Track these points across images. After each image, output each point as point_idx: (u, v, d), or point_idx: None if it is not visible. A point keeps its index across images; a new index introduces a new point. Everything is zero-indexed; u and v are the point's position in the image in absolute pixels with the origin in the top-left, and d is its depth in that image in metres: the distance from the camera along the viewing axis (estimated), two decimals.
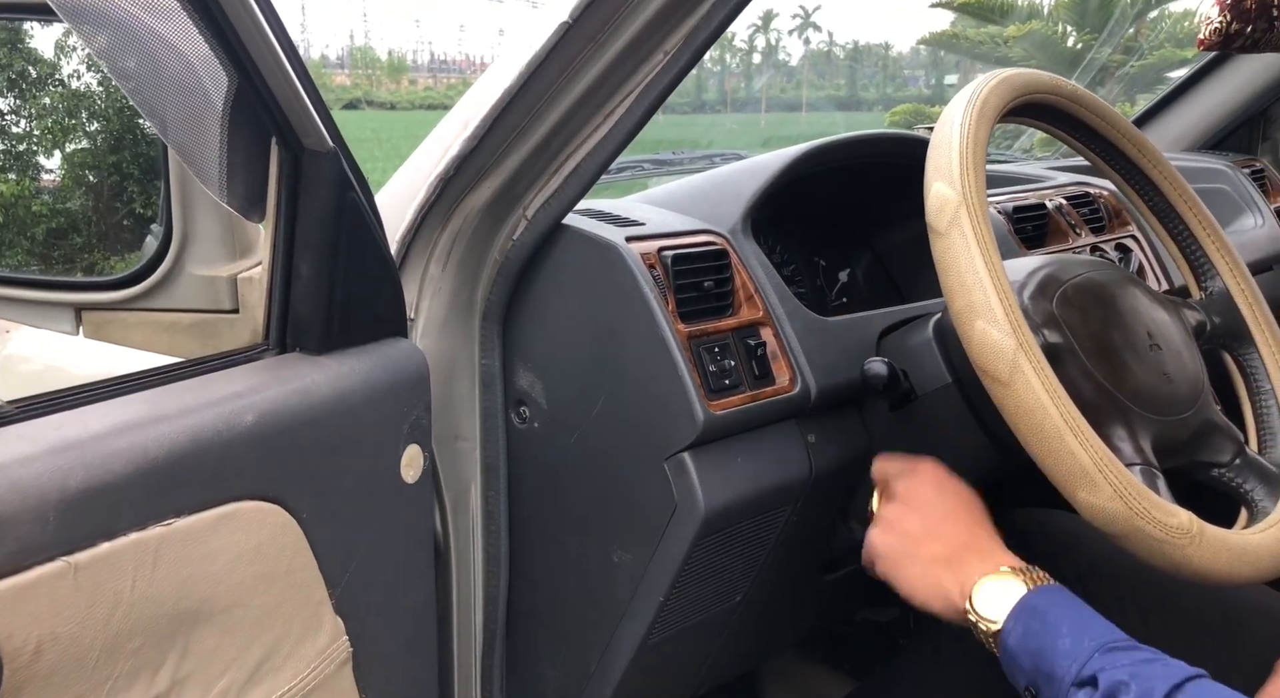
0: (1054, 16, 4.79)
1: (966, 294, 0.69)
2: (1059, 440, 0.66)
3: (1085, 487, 0.67)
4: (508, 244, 0.83)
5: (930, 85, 33.48)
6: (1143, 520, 0.67)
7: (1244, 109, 1.63)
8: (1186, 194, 0.93)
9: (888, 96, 34.81)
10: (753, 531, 0.84)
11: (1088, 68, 3.70)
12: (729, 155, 1.49)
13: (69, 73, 1.12)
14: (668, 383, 0.76)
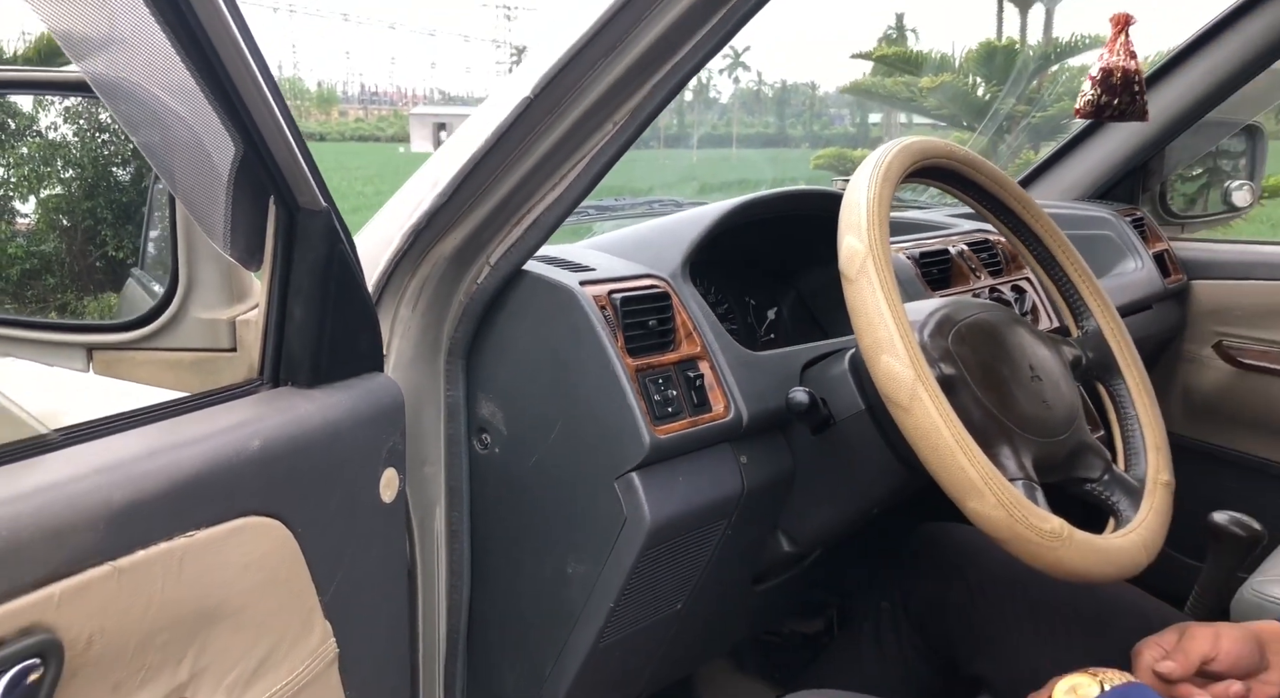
0: (964, 69, 5.12)
1: (873, 332, 0.81)
2: (951, 458, 0.78)
3: (973, 497, 0.78)
4: (472, 287, 0.92)
5: (855, 123, 34.35)
6: (1021, 526, 0.79)
7: (1126, 163, 1.81)
8: (1064, 245, 1.07)
9: (814, 133, 35.67)
10: (693, 542, 0.94)
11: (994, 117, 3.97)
12: (666, 202, 1.61)
13: (46, 125, 1.19)
14: (618, 410, 0.86)
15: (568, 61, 0.80)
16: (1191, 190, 2.10)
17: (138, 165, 1.23)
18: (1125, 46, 1.18)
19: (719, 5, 0.79)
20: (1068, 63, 5.03)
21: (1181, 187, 2.06)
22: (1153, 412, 1.03)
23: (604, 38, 0.79)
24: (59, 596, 0.51)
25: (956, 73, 5.06)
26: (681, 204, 1.66)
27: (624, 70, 0.81)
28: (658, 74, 0.82)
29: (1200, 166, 2.06)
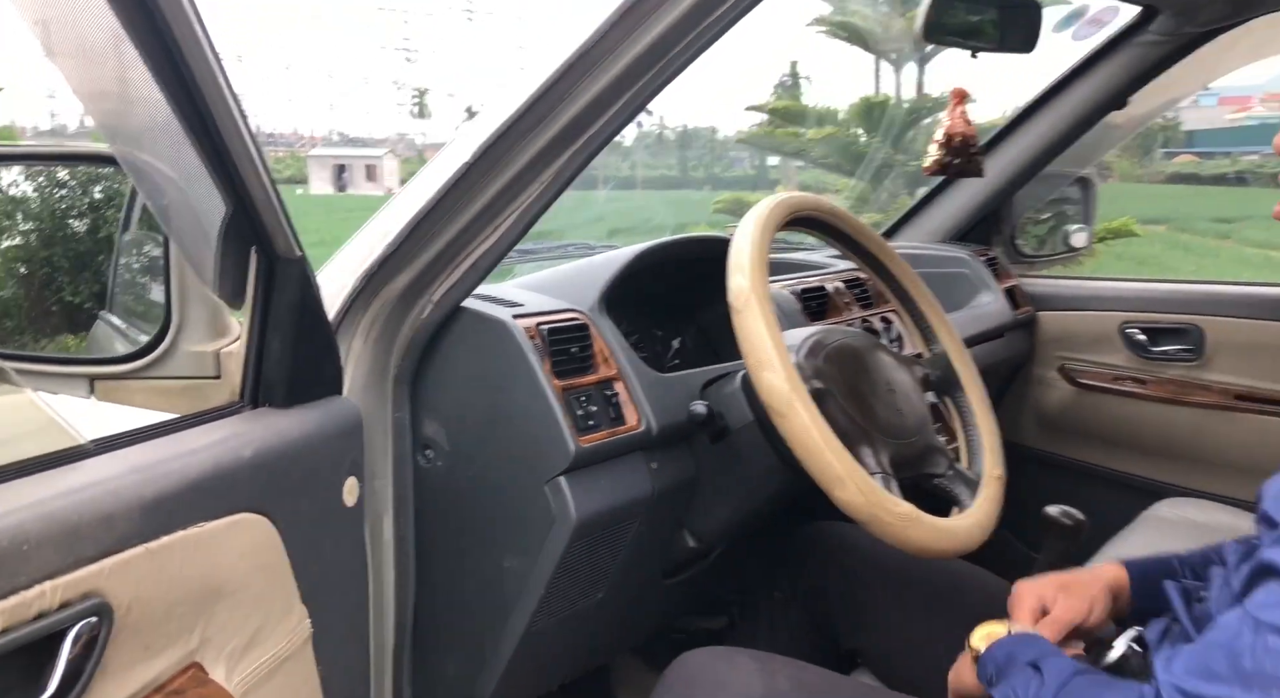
0: (847, 122, 5.54)
1: (756, 353, 0.98)
2: (821, 455, 0.96)
3: (839, 487, 0.96)
4: (417, 322, 1.07)
5: (755, 166, 35.12)
6: (878, 509, 0.96)
7: (980, 210, 2.07)
8: (915, 281, 1.28)
9: (715, 175, 36.53)
10: (611, 537, 1.10)
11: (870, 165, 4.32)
12: (579, 246, 1.78)
13: (8, 183, 1.29)
14: (547, 425, 1.02)
15: (501, 133, 0.96)
16: (1043, 232, 2.39)
17: (94, 218, 1.34)
18: (962, 115, 1.41)
19: (624, 89, 0.96)
20: (938, 116, 5.47)
21: (1034, 229, 2.35)
22: (989, 420, 1.24)
23: (531, 115, 0.95)
24: (109, 569, 0.64)
25: (840, 125, 5.48)
26: (593, 247, 1.83)
27: (548, 141, 0.97)
28: (577, 143, 0.99)
29: (1049, 212, 2.35)
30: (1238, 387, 1.80)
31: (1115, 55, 1.79)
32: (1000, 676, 0.87)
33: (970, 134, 1.41)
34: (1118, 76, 1.81)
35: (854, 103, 5.48)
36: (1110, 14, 1.74)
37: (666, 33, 0.92)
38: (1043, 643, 0.88)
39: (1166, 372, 1.88)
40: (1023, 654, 0.86)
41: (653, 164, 52.26)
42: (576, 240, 1.79)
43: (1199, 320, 1.84)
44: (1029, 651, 0.86)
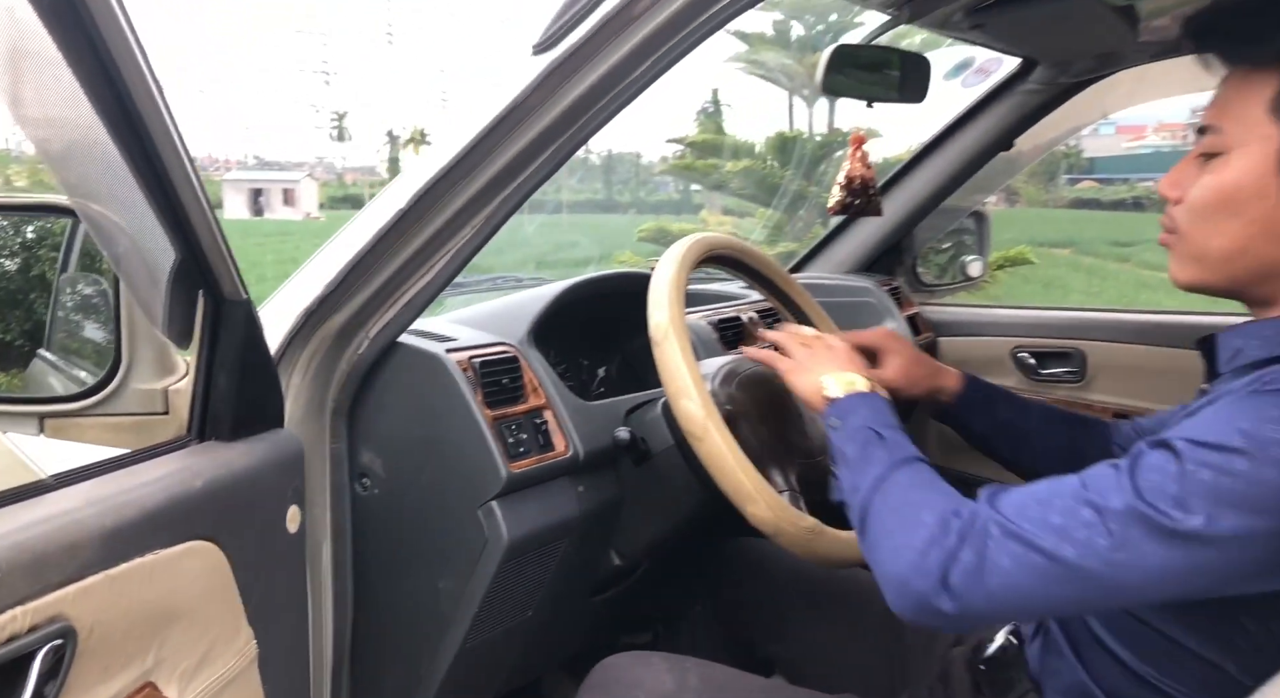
0: (763, 155, 5.77)
1: (674, 382, 1.07)
2: (734, 474, 1.05)
3: (750, 503, 1.05)
4: (354, 358, 1.13)
5: (679, 190, 35.51)
6: (784, 523, 1.06)
7: (883, 243, 2.21)
8: (818, 312, 1.39)
9: (640, 199, 36.84)
10: (541, 557, 1.17)
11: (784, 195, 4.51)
12: (507, 279, 1.86)
13: None
14: (480, 452, 1.09)
15: (435, 181, 1.03)
16: (944, 261, 2.55)
17: (26, 257, 1.37)
18: (862, 159, 1.53)
19: (551, 141, 1.05)
20: (848, 150, 5.76)
21: (935, 257, 2.51)
22: None
23: (463, 165, 1.03)
24: (73, 595, 0.69)
25: (756, 158, 5.70)
26: (521, 280, 1.91)
27: (480, 188, 1.05)
28: (507, 190, 1.07)
29: (949, 242, 2.51)
30: (1116, 406, 1.96)
31: (1000, 102, 1.95)
32: (844, 423, 0.96)
33: (869, 176, 1.53)
34: (1003, 121, 1.98)
35: (769, 137, 5.72)
36: (994, 64, 1.90)
37: (589, 90, 1.01)
38: (891, 416, 0.97)
39: (1054, 392, 2.03)
40: (871, 417, 0.95)
41: (577, 188, 52.31)
42: (505, 273, 1.86)
43: (1081, 344, 2.00)
44: (878, 417, 0.96)
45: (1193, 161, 0.85)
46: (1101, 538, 0.72)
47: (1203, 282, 0.85)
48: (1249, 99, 0.79)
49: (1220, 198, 0.81)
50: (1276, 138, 0.78)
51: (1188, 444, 0.72)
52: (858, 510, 0.90)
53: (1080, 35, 1.66)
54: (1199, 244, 0.84)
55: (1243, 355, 0.82)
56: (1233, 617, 0.78)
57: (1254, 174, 0.79)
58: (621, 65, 1.00)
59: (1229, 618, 0.78)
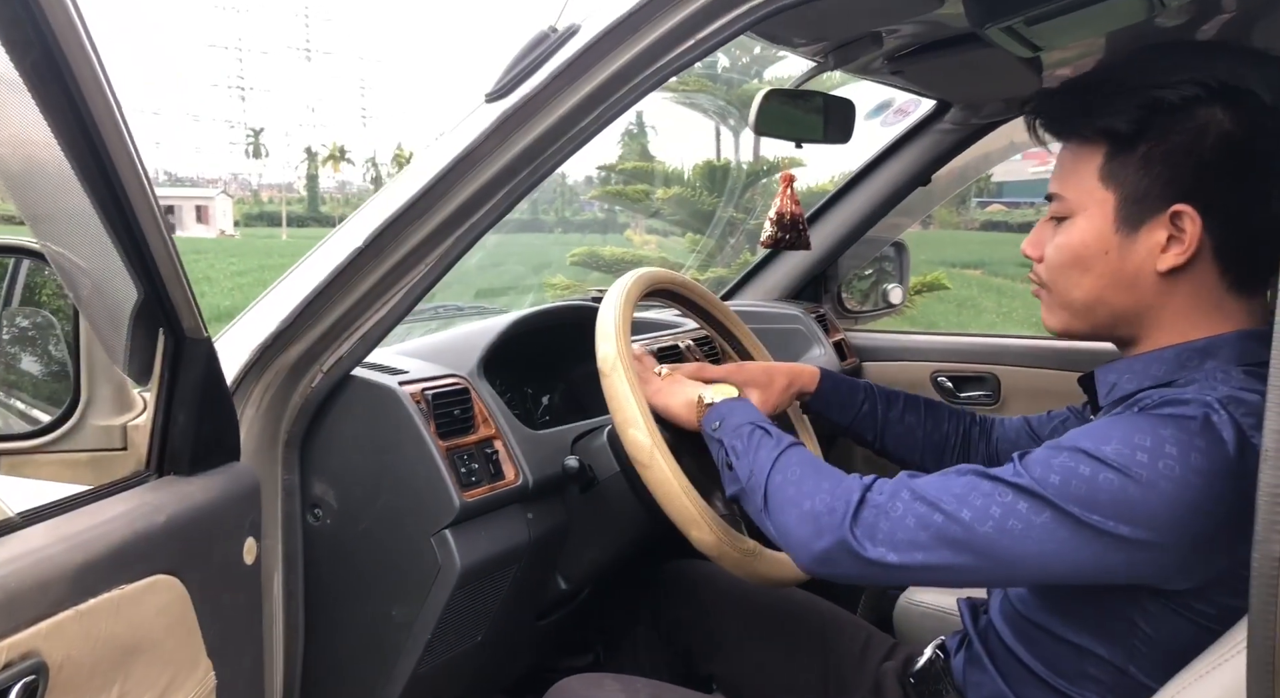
0: (691, 183, 5.92)
1: (622, 412, 1.12)
2: (679, 500, 1.10)
3: (694, 527, 1.10)
4: (307, 390, 1.15)
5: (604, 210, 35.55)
6: (726, 546, 1.11)
7: (810, 272, 2.31)
8: (752, 340, 1.46)
9: (566, 219, 36.85)
10: (491, 583, 1.20)
11: (718, 224, 4.64)
12: (449, 308, 1.89)
13: None
14: (434, 482, 1.12)
15: (390, 222, 1.07)
16: (866, 286, 2.66)
17: None
18: (791, 197, 1.62)
19: (503, 184, 1.09)
20: (775, 178, 5.97)
21: (858, 284, 2.62)
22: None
23: (418, 206, 1.07)
24: (45, 631, 0.70)
25: (685, 186, 5.84)
26: (462, 309, 1.94)
27: (434, 228, 1.09)
28: (459, 230, 1.11)
29: (870, 269, 2.63)
30: None
31: (918, 140, 2.07)
32: (724, 423, 1.08)
33: (798, 213, 1.62)
34: (921, 157, 2.10)
35: (698, 165, 5.86)
36: (912, 105, 2.01)
37: (541, 137, 1.07)
38: (766, 418, 1.09)
39: None
40: (749, 415, 1.08)
41: None
42: (446, 302, 1.89)
43: (995, 369, 2.12)
44: (756, 416, 1.09)
45: (1047, 224, 0.96)
46: (996, 506, 0.82)
47: (1071, 328, 0.95)
48: (1082, 169, 0.89)
49: (1071, 256, 0.90)
50: (1110, 201, 0.88)
51: (1072, 450, 0.81)
52: (758, 492, 1.00)
53: (990, 82, 1.78)
54: (1061, 296, 0.94)
55: (1117, 389, 0.92)
56: (1128, 618, 0.86)
57: (1095, 234, 0.88)
58: (572, 114, 1.06)
59: (1124, 619, 0.86)
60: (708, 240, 5.32)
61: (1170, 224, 0.85)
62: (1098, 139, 0.88)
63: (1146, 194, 0.86)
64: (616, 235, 12.91)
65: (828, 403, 1.31)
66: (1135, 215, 0.86)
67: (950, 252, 19.16)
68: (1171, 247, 0.85)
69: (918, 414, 1.29)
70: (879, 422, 1.29)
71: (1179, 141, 0.84)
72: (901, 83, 1.83)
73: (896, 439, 1.29)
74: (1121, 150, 0.87)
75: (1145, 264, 0.87)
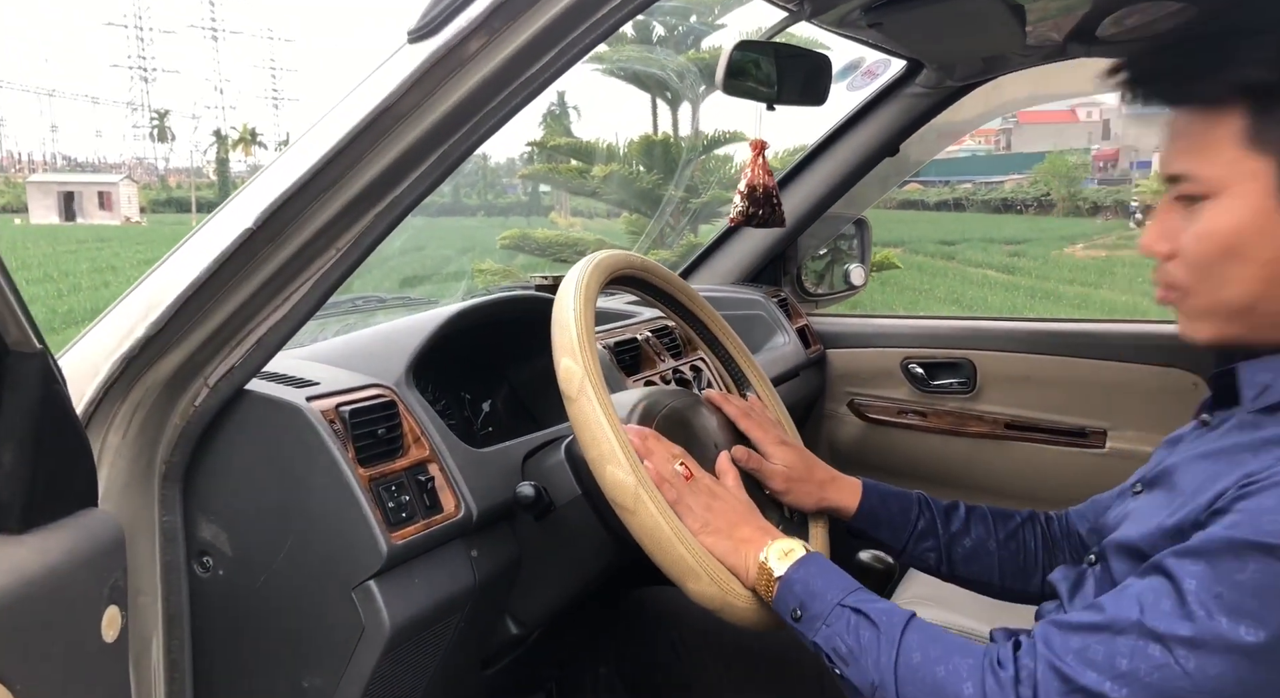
0: (628, 159, 5.67)
1: (597, 446, 0.91)
2: (672, 548, 0.89)
3: (692, 579, 0.90)
4: (189, 410, 0.91)
5: (527, 192, 35.27)
6: (732, 597, 0.92)
7: (768, 252, 2.13)
8: (724, 328, 1.26)
9: (489, 202, 36.39)
10: (429, 638, 0.98)
11: (666, 204, 4.43)
12: (370, 299, 1.64)
13: None
14: (354, 522, 0.90)
15: (290, 195, 0.84)
16: (820, 267, 2.49)
17: None
18: (763, 167, 1.42)
19: (433, 146, 0.87)
20: (715, 153, 5.77)
21: (812, 265, 2.45)
22: None
23: (324, 175, 0.84)
24: None
25: (622, 162, 5.58)
26: (385, 301, 1.70)
27: (346, 203, 0.86)
28: (379, 205, 0.88)
29: (825, 248, 2.46)
30: (1006, 416, 1.94)
31: (886, 105, 1.89)
32: (809, 612, 0.87)
33: (771, 185, 1.42)
34: (889, 125, 1.92)
35: (634, 141, 5.60)
36: (881, 67, 1.84)
37: (481, 86, 0.85)
38: (845, 577, 0.89)
39: (945, 404, 2.00)
40: (831, 591, 0.87)
41: None
42: (365, 293, 1.65)
43: (970, 354, 1.98)
44: (836, 586, 0.87)
45: (1173, 208, 0.78)
46: (1179, 679, 0.66)
47: (1223, 336, 0.78)
48: (1217, 137, 0.73)
49: (1223, 246, 0.74)
50: (1266, 172, 0.72)
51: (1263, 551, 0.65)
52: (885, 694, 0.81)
53: (971, 36, 1.61)
54: (1210, 298, 0.77)
55: (1273, 392, 0.75)
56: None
57: (1252, 214, 0.72)
58: (519, 56, 0.84)
59: None
60: (650, 221, 5.09)
61: None
62: (1234, 98, 0.72)
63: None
64: (541, 218, 12.57)
65: (876, 522, 1.10)
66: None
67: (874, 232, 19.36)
68: None
69: (985, 524, 1.09)
70: (941, 540, 1.08)
71: None
72: (876, 38, 1.64)
73: (967, 559, 1.08)
74: (1271, 105, 0.71)
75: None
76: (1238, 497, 0.68)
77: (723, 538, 0.95)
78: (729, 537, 0.95)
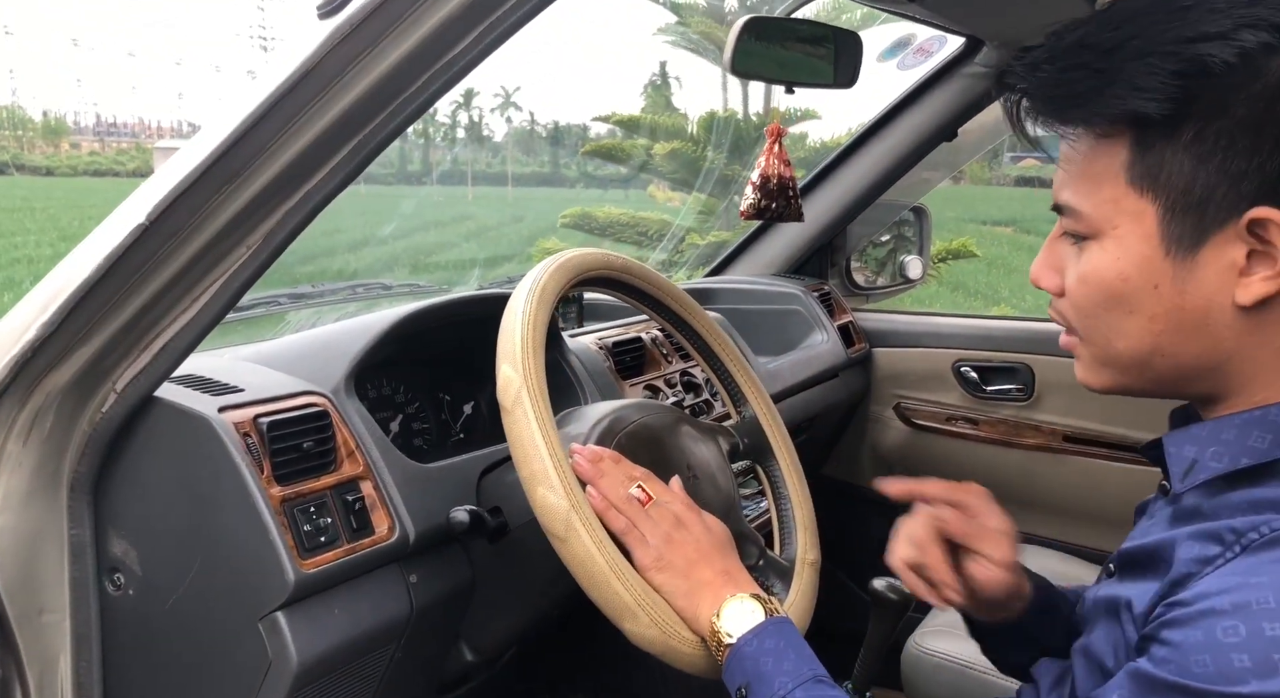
0: (694, 136, 5.47)
1: (529, 464, 0.81)
2: (606, 584, 0.80)
3: (628, 619, 0.80)
4: (96, 417, 0.85)
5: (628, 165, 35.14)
6: (675, 640, 0.81)
7: (814, 242, 1.97)
8: (720, 337, 1.14)
9: (588, 174, 36.46)
10: (355, 673, 0.91)
11: (708, 177, 4.26)
12: (372, 286, 1.57)
13: None
14: (260, 547, 0.82)
15: (187, 187, 0.76)
16: (882, 255, 2.32)
17: None
18: (780, 155, 1.29)
19: (353, 130, 0.78)
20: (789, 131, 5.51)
21: (873, 251, 2.28)
22: (801, 491, 1.11)
23: (227, 165, 0.76)
24: None
25: (687, 140, 5.40)
26: (390, 287, 1.63)
27: (253, 196, 0.78)
28: (292, 199, 0.80)
29: (888, 234, 2.29)
30: (1065, 427, 1.76)
31: (943, 86, 1.72)
32: (752, 696, 0.77)
33: (788, 175, 1.29)
34: (946, 107, 1.75)
35: (700, 117, 5.42)
36: (937, 44, 1.66)
37: (401, 63, 0.75)
38: (804, 658, 0.78)
39: (999, 412, 1.83)
40: (781, 677, 0.76)
41: (524, 160, 51.71)
42: (369, 280, 1.58)
43: (1028, 359, 1.79)
44: (787, 672, 0.76)
45: (1060, 242, 0.67)
46: None
47: (1123, 387, 0.67)
48: (1101, 169, 0.62)
49: (1106, 294, 0.63)
50: (1149, 213, 0.60)
51: None
52: None
53: (1030, 10, 1.43)
54: (1102, 348, 0.66)
55: (1200, 469, 0.63)
56: None
57: (1135, 260, 0.61)
58: (442, 30, 0.73)
59: None
60: (707, 198, 4.91)
61: (1248, 236, 0.58)
62: (1117, 126, 0.60)
63: (1206, 197, 0.59)
64: (639, 191, 12.38)
65: (1051, 610, 0.87)
66: (1193, 229, 0.59)
67: (980, 208, 18.56)
68: (1255, 267, 0.59)
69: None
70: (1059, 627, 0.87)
71: (1245, 115, 0.57)
72: (922, 14, 1.48)
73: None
74: (1156, 139, 0.59)
75: (1218, 296, 0.60)
76: (1165, 621, 0.56)
77: (676, 577, 0.84)
78: (685, 576, 0.84)
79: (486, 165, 45.54)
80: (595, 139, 32.88)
